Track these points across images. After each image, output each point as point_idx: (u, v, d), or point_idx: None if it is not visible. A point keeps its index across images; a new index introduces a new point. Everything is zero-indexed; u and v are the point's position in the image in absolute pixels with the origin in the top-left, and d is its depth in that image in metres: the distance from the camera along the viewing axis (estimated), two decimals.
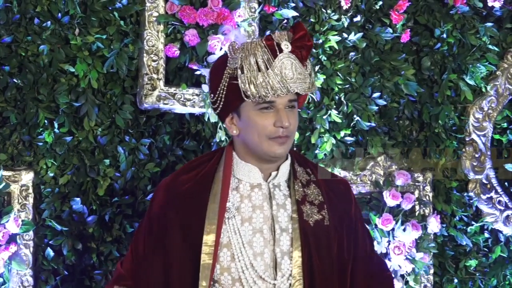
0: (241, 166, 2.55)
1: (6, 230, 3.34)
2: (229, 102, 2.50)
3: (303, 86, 2.48)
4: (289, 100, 2.48)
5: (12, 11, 3.50)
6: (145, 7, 3.63)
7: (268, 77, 2.43)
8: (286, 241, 2.50)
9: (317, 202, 2.55)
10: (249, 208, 2.51)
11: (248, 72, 2.44)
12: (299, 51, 2.48)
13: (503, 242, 4.25)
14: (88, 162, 3.61)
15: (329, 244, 2.53)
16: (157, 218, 2.56)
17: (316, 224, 2.52)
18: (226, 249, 2.49)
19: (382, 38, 4.02)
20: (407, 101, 4.10)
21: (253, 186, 2.54)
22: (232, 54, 2.47)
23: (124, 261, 2.62)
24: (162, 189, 2.60)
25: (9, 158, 3.54)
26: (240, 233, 2.49)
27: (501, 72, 4.28)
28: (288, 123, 2.46)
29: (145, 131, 3.69)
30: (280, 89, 2.44)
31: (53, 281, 3.55)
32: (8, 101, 3.53)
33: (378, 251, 3.81)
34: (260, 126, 2.47)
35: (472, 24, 4.20)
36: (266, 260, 2.49)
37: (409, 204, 3.85)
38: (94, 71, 3.58)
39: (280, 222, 2.51)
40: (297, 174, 2.58)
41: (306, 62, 2.51)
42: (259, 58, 2.44)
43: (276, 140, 2.48)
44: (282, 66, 2.45)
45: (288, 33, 2.49)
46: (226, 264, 2.48)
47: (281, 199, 2.54)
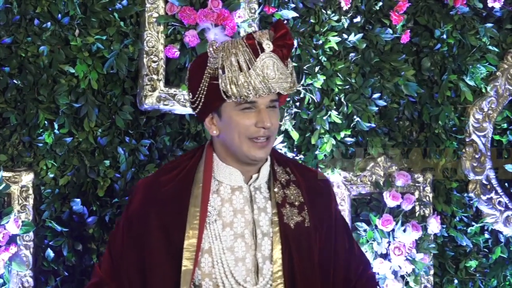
0: (222, 168, 2.51)
1: (6, 231, 3.34)
2: (210, 102, 2.45)
3: (284, 85, 2.44)
4: (271, 100, 2.45)
5: (12, 12, 3.50)
6: (145, 8, 3.63)
7: (249, 77, 2.39)
8: (267, 245, 2.48)
9: (297, 204, 2.52)
10: (230, 212, 2.48)
11: (229, 72, 2.40)
12: (280, 50, 2.44)
13: (503, 242, 4.25)
14: (88, 163, 3.61)
15: (310, 246, 2.51)
16: (136, 218, 2.51)
17: (296, 226, 2.49)
18: (207, 254, 2.46)
19: (382, 39, 4.02)
20: (407, 102, 4.10)
21: (234, 189, 2.51)
22: (213, 53, 2.43)
23: (102, 262, 2.58)
24: (142, 189, 2.55)
25: (9, 159, 3.55)
26: (221, 238, 2.46)
27: (501, 73, 4.28)
28: (269, 123, 2.43)
29: (145, 132, 3.69)
30: (262, 89, 2.40)
31: (53, 282, 3.55)
32: (8, 102, 3.54)
33: (378, 252, 3.81)
34: (241, 126, 2.44)
35: (472, 25, 4.19)
36: (248, 265, 2.46)
37: (409, 204, 3.85)
38: (94, 72, 3.58)
39: (262, 226, 2.48)
40: (277, 175, 2.54)
41: (287, 61, 2.47)
42: (241, 58, 2.40)
43: (256, 143, 2.45)
44: (264, 66, 2.41)
45: (270, 32, 2.46)
46: (207, 270, 2.46)
47: (261, 203, 2.51)
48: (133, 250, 2.50)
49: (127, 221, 2.54)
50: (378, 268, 3.79)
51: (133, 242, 2.51)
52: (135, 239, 2.50)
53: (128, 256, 2.51)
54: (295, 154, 3.89)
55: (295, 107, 3.89)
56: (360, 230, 3.83)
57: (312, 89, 3.87)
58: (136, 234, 2.50)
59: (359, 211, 3.95)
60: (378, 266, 3.79)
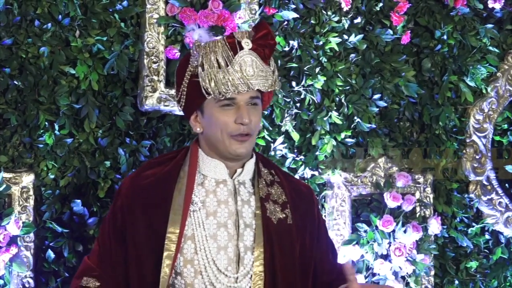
0: (207, 162, 2.56)
1: (6, 232, 3.34)
2: (192, 100, 2.53)
3: (264, 83, 2.50)
4: (251, 97, 2.50)
5: (13, 13, 3.50)
6: (145, 9, 3.63)
7: (228, 74, 2.46)
8: (249, 236, 2.52)
9: (280, 202, 2.57)
10: (214, 203, 2.53)
11: (208, 69, 2.47)
12: (262, 49, 2.50)
13: (504, 243, 4.24)
14: (88, 164, 3.61)
15: (291, 242, 2.55)
16: (121, 210, 2.56)
17: (279, 222, 2.54)
18: (190, 241, 2.50)
19: (382, 40, 4.02)
20: (408, 103, 4.10)
21: (218, 182, 2.55)
22: (194, 52, 2.50)
23: (91, 255, 2.62)
24: (127, 183, 2.60)
25: (9, 160, 3.55)
26: (204, 226, 2.50)
27: (502, 74, 4.28)
28: (248, 120, 2.47)
29: (146, 133, 3.69)
30: (240, 85, 2.46)
31: (54, 283, 3.55)
32: (9, 103, 3.54)
33: (378, 252, 3.81)
34: (221, 123, 2.49)
35: (472, 26, 4.19)
36: (230, 254, 2.50)
37: (410, 205, 3.85)
38: (94, 73, 3.58)
39: (245, 217, 2.53)
40: (262, 174, 2.59)
41: (269, 60, 2.53)
42: (219, 56, 2.47)
43: (236, 138, 2.50)
44: (242, 63, 2.47)
45: (250, 32, 2.52)
46: (190, 256, 2.49)
47: (245, 196, 2.56)
48: (119, 241, 2.55)
49: (112, 214, 2.60)
50: (378, 269, 3.79)
51: (118, 234, 2.55)
52: (120, 230, 2.55)
53: (114, 247, 2.56)
54: (296, 155, 3.89)
55: (295, 108, 3.89)
56: (361, 231, 3.83)
57: (313, 90, 3.87)
58: (121, 225, 2.55)
59: (360, 212, 3.95)
60: (379, 267, 3.79)
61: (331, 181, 3.91)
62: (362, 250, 3.80)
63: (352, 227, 3.88)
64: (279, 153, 3.84)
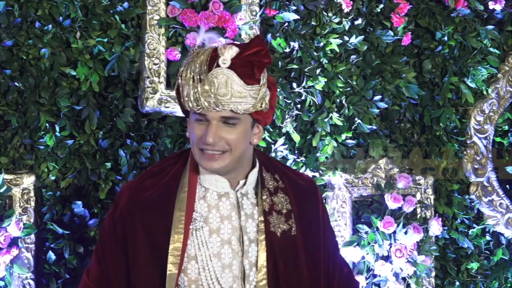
0: (208, 174, 2.46)
1: (7, 234, 3.34)
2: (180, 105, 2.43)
3: (241, 105, 2.33)
4: (222, 117, 2.34)
5: (14, 14, 3.50)
6: (146, 10, 3.63)
7: (196, 90, 2.32)
8: (254, 252, 2.46)
9: (284, 211, 2.49)
10: (217, 219, 2.45)
11: (183, 80, 2.36)
12: (249, 67, 2.33)
13: (505, 244, 4.25)
14: (89, 165, 3.61)
15: (296, 254, 2.48)
16: (121, 221, 2.47)
17: (283, 235, 2.47)
18: (194, 261, 2.44)
19: (383, 41, 4.02)
20: (408, 104, 4.10)
21: (221, 195, 2.47)
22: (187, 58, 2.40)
23: (91, 269, 2.52)
24: (127, 192, 2.50)
25: (10, 161, 3.55)
26: (207, 245, 2.43)
27: (502, 75, 4.28)
28: (213, 140, 2.33)
29: (147, 134, 3.69)
30: (207, 104, 2.32)
31: (54, 284, 3.55)
32: (10, 105, 3.54)
33: (379, 254, 3.81)
34: (194, 135, 2.38)
35: (473, 27, 4.20)
36: (235, 271, 2.44)
37: (411, 207, 3.85)
38: (95, 74, 3.58)
39: (249, 233, 2.46)
40: (265, 182, 2.50)
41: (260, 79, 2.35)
42: (195, 70, 2.33)
43: (204, 154, 2.38)
44: (214, 81, 2.31)
45: (240, 46, 2.36)
46: (194, 276, 2.43)
47: (249, 209, 2.48)
48: (119, 254, 2.46)
49: (112, 225, 2.49)
50: (379, 270, 3.79)
51: (118, 246, 2.47)
52: (120, 243, 2.46)
53: (114, 261, 2.47)
54: (296, 156, 3.89)
55: (296, 109, 3.89)
56: (362, 232, 3.83)
57: (313, 91, 3.88)
58: (121, 237, 2.46)
59: (361, 213, 3.95)
60: (380, 268, 3.79)
61: (332, 182, 3.91)
62: (363, 251, 3.80)
63: (353, 228, 3.88)
64: (280, 154, 3.84)
